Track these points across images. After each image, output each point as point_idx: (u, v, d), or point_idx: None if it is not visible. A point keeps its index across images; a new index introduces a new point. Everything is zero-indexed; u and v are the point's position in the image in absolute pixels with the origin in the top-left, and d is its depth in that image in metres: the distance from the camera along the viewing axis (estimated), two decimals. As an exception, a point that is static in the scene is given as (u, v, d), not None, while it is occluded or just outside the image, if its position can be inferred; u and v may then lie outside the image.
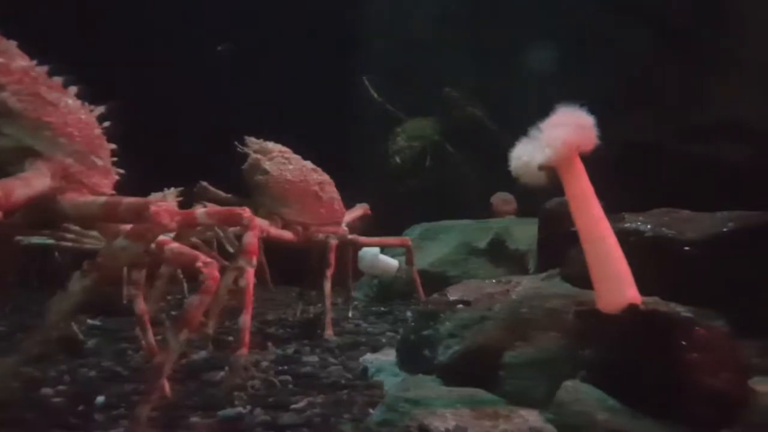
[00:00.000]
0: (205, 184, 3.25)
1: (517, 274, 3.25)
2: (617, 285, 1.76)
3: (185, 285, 4.71)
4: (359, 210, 3.74)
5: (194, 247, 3.56)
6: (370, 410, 1.84)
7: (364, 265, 4.25)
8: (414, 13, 6.40)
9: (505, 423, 1.63)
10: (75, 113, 1.55)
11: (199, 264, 1.47)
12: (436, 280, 3.80)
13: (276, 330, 3.25)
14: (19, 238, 3.33)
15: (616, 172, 4.70)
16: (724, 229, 1.98)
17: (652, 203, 2.34)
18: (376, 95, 6.40)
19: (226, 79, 5.93)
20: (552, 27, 5.41)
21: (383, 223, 4.40)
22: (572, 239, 1.88)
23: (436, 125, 6.25)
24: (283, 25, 6.22)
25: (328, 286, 2.99)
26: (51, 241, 3.24)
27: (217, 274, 1.48)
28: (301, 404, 1.90)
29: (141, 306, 2.04)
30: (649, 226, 2.10)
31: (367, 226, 3.90)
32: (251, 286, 1.95)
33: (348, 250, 3.80)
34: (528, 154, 1.82)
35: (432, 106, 6.25)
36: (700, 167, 4.48)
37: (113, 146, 1.72)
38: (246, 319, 1.96)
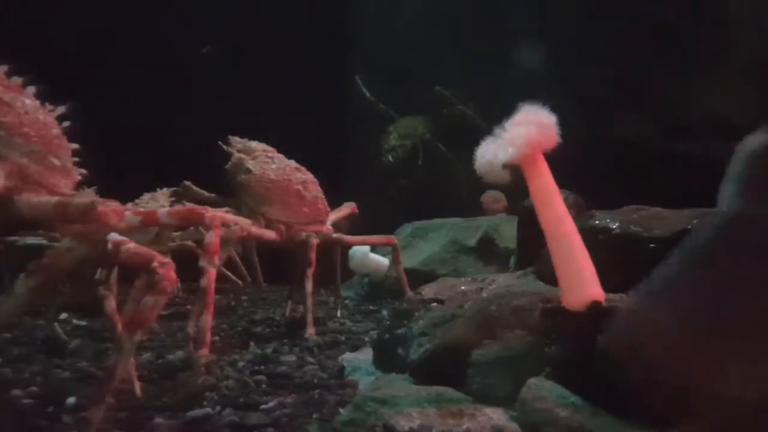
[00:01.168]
0: (188, 183, 3.26)
1: (505, 272, 3.26)
2: (580, 282, 1.76)
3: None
4: (346, 209, 3.73)
5: (186, 249, 3.61)
6: (341, 410, 1.83)
7: (354, 264, 4.26)
8: (406, 12, 6.39)
9: (470, 421, 1.64)
10: (32, 113, 1.56)
11: (155, 264, 1.47)
12: (425, 279, 3.76)
13: (262, 329, 3.26)
14: (14, 238, 3.35)
15: (603, 169, 4.75)
16: (689, 226, 1.98)
17: (639, 200, 2.34)
18: (368, 94, 6.39)
19: (219, 80, 5.92)
20: (542, 26, 5.42)
21: (375, 222, 4.40)
22: (546, 237, 1.89)
23: (428, 124, 6.24)
24: (274, 25, 6.22)
25: (309, 285, 2.98)
26: (44, 242, 3.24)
27: (173, 275, 1.48)
28: (271, 404, 1.90)
29: (111, 306, 2.04)
30: (617, 224, 2.11)
31: (355, 226, 3.90)
32: (212, 286, 1.96)
33: (336, 250, 3.80)
34: (491, 152, 1.83)
35: (424, 105, 6.24)
36: (687, 164, 4.49)
37: (74, 146, 1.72)
38: (207, 320, 1.96)
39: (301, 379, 2.22)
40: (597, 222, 2.16)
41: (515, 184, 1.88)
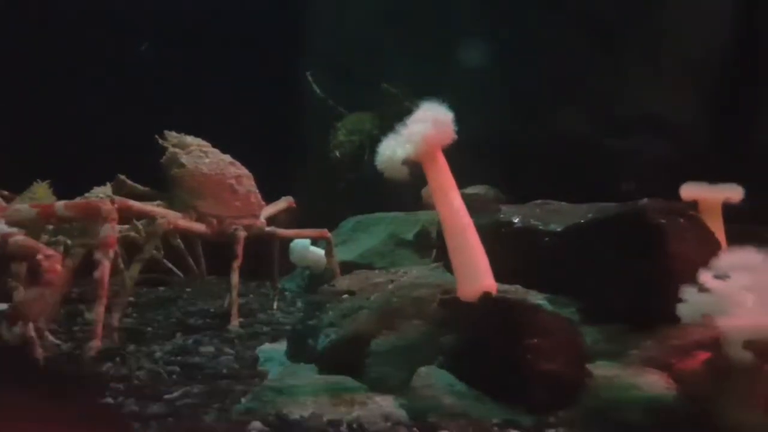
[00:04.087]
0: (122, 177, 3.28)
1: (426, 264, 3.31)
2: (474, 274, 1.85)
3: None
4: (283, 203, 3.76)
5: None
6: (243, 400, 1.87)
7: (294, 258, 4.29)
8: (355, 9, 6.43)
9: (360, 409, 1.70)
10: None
11: (40, 257, 1.51)
12: (365, 272, 3.83)
13: (195, 320, 3.27)
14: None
15: (545, 165, 4.84)
16: (582, 220, 2.05)
17: (579, 195, 2.41)
18: (317, 91, 6.42)
19: (164, 75, 5.91)
20: (485, 25, 5.50)
21: (324, 216, 4.45)
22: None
23: (375, 120, 6.27)
24: (224, 20, 6.23)
25: (234, 277, 3.00)
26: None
27: (58, 267, 1.52)
28: (175, 394, 1.92)
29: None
30: (519, 218, 2.18)
31: (301, 220, 3.93)
32: (106, 278, 1.98)
33: (274, 243, 3.84)
34: (391, 149, 1.89)
35: (371, 102, 6.27)
36: (624, 159, 4.61)
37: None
38: (99, 311, 1.99)
39: (213, 369, 2.24)
40: (501, 216, 2.23)
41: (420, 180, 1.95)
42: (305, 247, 4.22)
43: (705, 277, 1.53)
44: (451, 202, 1.89)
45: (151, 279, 4.81)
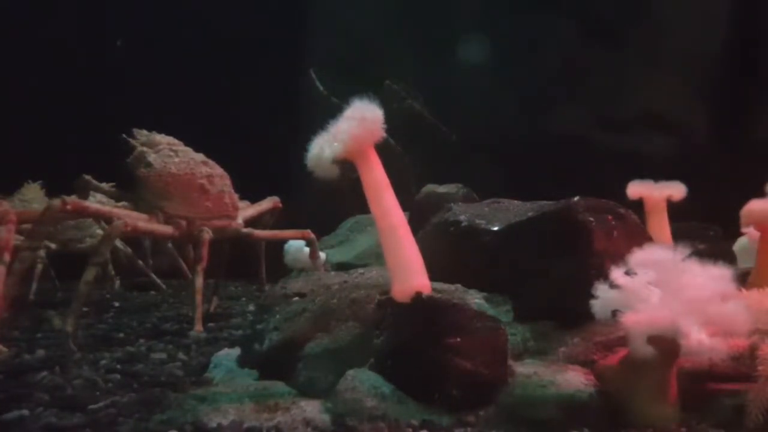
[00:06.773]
0: (87, 177, 3.20)
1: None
2: (407, 273, 1.78)
3: (116, 282, 4.73)
4: (268, 203, 3.66)
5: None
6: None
7: (288, 260, 4.21)
8: (358, 6, 6.39)
9: (282, 415, 1.62)
10: None
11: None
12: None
13: (170, 326, 3.19)
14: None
15: (544, 164, 4.76)
16: (519, 219, 1.99)
17: (577, 193, 2.34)
18: (321, 88, 6.36)
19: (169, 76, 5.88)
20: (487, 24, 5.46)
21: (327, 216, 4.38)
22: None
23: (380, 117, 6.19)
24: (230, 19, 6.21)
25: (199, 281, 2.88)
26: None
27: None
28: (101, 404, 1.84)
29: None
30: (465, 216, 2.11)
31: (299, 220, 3.85)
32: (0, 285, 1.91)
33: (260, 244, 3.77)
34: (319, 148, 1.83)
35: (375, 99, 6.19)
36: (623, 158, 4.54)
37: None
38: None
39: (153, 377, 2.15)
40: (449, 215, 2.16)
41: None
42: (299, 249, 4.13)
43: (615, 273, 1.51)
44: (383, 201, 1.83)
45: (141, 283, 4.80)
